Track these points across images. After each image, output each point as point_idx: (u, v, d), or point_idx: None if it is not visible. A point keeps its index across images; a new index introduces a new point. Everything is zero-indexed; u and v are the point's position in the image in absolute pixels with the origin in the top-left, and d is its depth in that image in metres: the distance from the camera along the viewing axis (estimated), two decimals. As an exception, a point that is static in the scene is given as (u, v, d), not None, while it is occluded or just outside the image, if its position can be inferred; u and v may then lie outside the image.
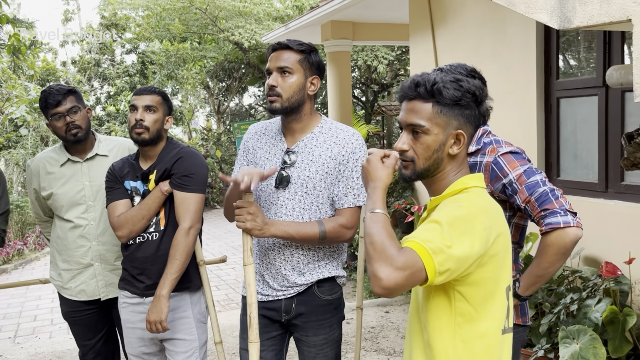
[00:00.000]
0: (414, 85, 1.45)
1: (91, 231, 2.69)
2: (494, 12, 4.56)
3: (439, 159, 1.45)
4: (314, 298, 2.14)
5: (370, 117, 16.75)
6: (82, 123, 2.67)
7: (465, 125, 1.44)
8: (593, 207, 3.80)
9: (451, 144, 1.44)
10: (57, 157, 2.75)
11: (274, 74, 2.07)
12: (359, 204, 2.08)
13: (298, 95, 2.07)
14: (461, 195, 1.42)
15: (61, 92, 2.63)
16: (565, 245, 1.80)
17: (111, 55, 17.28)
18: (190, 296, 2.49)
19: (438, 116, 1.42)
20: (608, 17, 1.82)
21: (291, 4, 14.82)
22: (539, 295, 3.60)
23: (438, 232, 1.30)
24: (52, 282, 2.83)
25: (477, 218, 1.35)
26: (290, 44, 2.08)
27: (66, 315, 2.82)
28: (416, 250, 1.28)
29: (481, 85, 1.46)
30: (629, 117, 3.71)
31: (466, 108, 1.43)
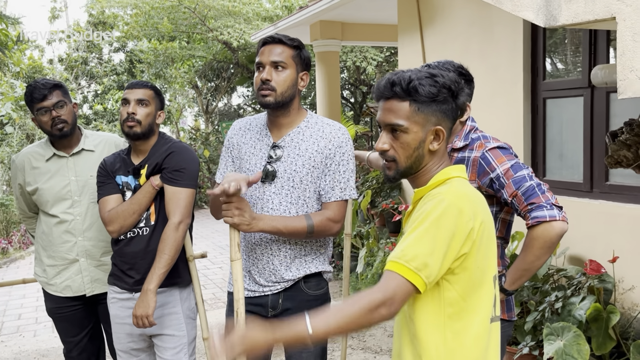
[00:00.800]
0: (389, 84, 1.45)
1: (77, 226, 2.67)
2: (482, 13, 4.59)
3: (420, 156, 1.46)
4: (300, 293, 2.14)
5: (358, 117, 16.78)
6: (68, 118, 2.64)
7: (443, 120, 1.45)
8: (578, 206, 3.83)
9: (431, 140, 1.45)
10: (42, 152, 2.72)
11: (267, 67, 2.07)
12: (346, 197, 2.09)
13: (291, 90, 2.08)
14: (443, 187, 1.43)
15: (47, 87, 2.60)
16: (551, 239, 1.83)
17: (99, 54, 17.17)
18: (180, 292, 2.48)
19: (416, 114, 1.43)
20: (593, 15, 1.84)
21: (280, 4, 14.82)
22: (525, 293, 3.63)
23: (420, 243, 1.32)
24: (37, 278, 2.81)
25: (460, 207, 1.36)
26: (283, 39, 2.09)
27: (51, 311, 2.79)
28: (401, 273, 1.31)
29: (456, 78, 1.47)
30: (613, 118, 3.75)
31: (443, 103, 1.44)
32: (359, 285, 5.63)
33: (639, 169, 2.31)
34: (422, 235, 1.33)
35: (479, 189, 1.97)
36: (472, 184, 1.98)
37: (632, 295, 3.51)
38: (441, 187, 1.44)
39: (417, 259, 1.31)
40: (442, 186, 1.45)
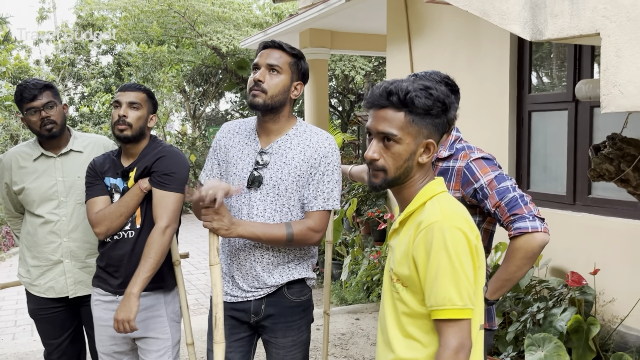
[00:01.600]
0: (386, 93, 1.45)
1: (62, 227, 2.64)
2: (469, 26, 4.65)
3: (409, 168, 1.47)
4: (283, 299, 2.14)
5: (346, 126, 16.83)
6: (57, 118, 2.62)
7: (434, 133, 1.47)
8: (561, 218, 3.88)
9: (421, 152, 1.46)
10: (30, 151, 2.70)
11: (262, 69, 2.07)
12: (329, 207, 2.09)
13: (282, 96, 2.08)
14: (434, 211, 1.43)
15: (37, 87, 2.59)
16: (532, 250, 1.85)
17: (86, 56, 17.06)
18: (164, 295, 2.47)
19: (410, 125, 1.44)
20: (578, 30, 1.87)
21: (270, 11, 14.86)
22: (507, 303, 3.66)
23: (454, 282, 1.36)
24: (20, 279, 2.77)
25: (461, 229, 1.39)
26: (283, 45, 2.10)
27: (33, 313, 2.76)
28: (455, 317, 1.36)
29: (448, 92, 1.48)
30: (597, 132, 3.81)
31: (436, 117, 1.45)
32: (342, 293, 5.63)
33: (620, 182, 2.35)
34: (452, 274, 1.36)
35: (462, 199, 2.00)
36: (456, 193, 2.00)
37: (612, 307, 3.55)
38: (431, 209, 1.44)
39: (462, 296, 1.36)
40: (431, 208, 1.44)
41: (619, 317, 3.46)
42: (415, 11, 5.38)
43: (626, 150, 2.29)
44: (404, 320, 1.48)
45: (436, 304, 1.37)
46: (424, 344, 1.45)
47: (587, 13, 1.84)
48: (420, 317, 1.45)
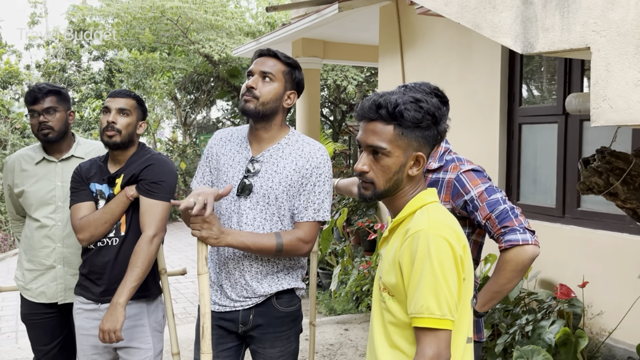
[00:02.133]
0: (375, 106, 1.45)
1: (57, 232, 2.63)
2: (461, 39, 4.68)
3: (398, 180, 1.47)
4: (272, 310, 2.12)
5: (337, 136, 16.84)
6: (55, 124, 2.63)
7: (424, 146, 1.46)
8: (550, 231, 3.89)
9: (411, 165, 1.46)
10: (33, 155, 2.72)
11: (255, 76, 2.08)
12: (319, 218, 2.08)
13: (274, 104, 2.07)
14: (422, 219, 1.42)
15: (42, 91, 2.61)
16: (523, 262, 1.85)
17: (77, 61, 16.99)
18: (147, 305, 2.44)
19: (399, 138, 1.44)
20: (568, 44, 1.88)
21: (263, 20, 14.89)
22: (496, 315, 3.66)
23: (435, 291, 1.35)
24: (16, 282, 2.76)
25: (447, 239, 1.38)
26: (278, 54, 2.11)
27: (24, 317, 2.74)
28: (434, 326, 1.35)
29: (439, 104, 1.48)
30: (586, 145, 3.84)
31: (426, 129, 1.45)
32: (332, 303, 5.61)
33: (609, 196, 2.36)
34: (433, 283, 1.35)
35: (452, 211, 1.99)
36: (446, 205, 2.00)
37: (600, 320, 3.56)
38: (419, 218, 1.44)
39: (441, 306, 1.34)
40: (420, 216, 1.44)
41: (607, 330, 3.47)
42: (407, 23, 5.41)
43: (615, 164, 2.30)
44: (391, 330, 1.47)
45: (415, 312, 1.36)
46: (409, 355, 1.43)
47: (577, 27, 1.85)
48: (406, 327, 1.44)
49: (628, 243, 3.44)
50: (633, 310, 3.23)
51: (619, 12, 1.71)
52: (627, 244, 3.44)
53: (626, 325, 3.31)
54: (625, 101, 1.71)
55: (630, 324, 3.30)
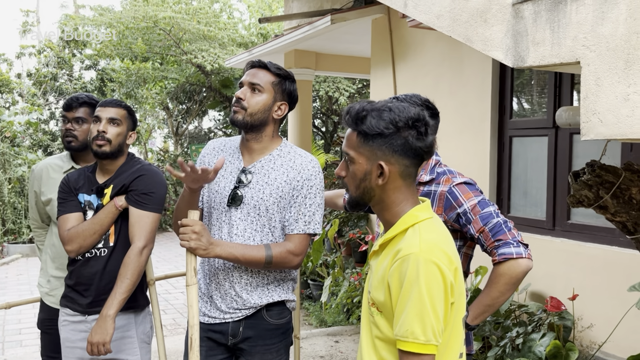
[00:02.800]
0: (345, 113, 1.47)
1: None
2: (452, 52, 4.71)
3: (367, 188, 1.45)
4: (262, 322, 2.10)
5: (329, 147, 16.87)
6: (80, 135, 2.67)
7: (392, 156, 1.42)
8: (540, 243, 3.90)
9: (377, 174, 1.43)
10: (61, 164, 2.74)
11: (244, 87, 2.09)
12: (309, 231, 2.07)
13: (262, 115, 2.07)
14: (414, 242, 1.39)
15: (78, 101, 2.68)
16: (517, 276, 1.85)
17: (69, 70, 16.93)
18: (135, 316, 2.42)
19: (362, 146, 1.43)
20: (558, 58, 1.90)
21: (256, 31, 14.94)
22: (487, 328, 3.65)
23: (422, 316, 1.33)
24: (39, 289, 2.77)
25: (437, 264, 1.35)
26: (268, 65, 2.11)
27: (42, 323, 2.73)
28: (418, 351, 1.33)
29: (418, 116, 1.43)
30: (576, 158, 3.86)
31: (391, 138, 1.41)
32: (322, 315, 5.58)
33: (599, 209, 2.37)
34: (420, 309, 1.33)
35: (445, 224, 1.99)
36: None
37: (590, 333, 3.56)
38: (411, 239, 1.40)
39: (425, 331, 1.33)
40: (411, 237, 1.40)
41: (597, 343, 3.47)
42: (399, 35, 5.44)
43: (605, 177, 2.31)
44: (378, 345, 1.46)
45: (400, 335, 1.35)
46: None
47: (567, 42, 1.87)
48: (393, 343, 1.42)
49: (618, 256, 3.45)
50: (623, 323, 3.24)
51: (609, 27, 1.73)
52: (617, 257, 3.46)
53: (616, 338, 3.32)
54: (615, 115, 1.72)
55: (620, 337, 3.31)
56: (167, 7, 13.64)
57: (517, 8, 2.09)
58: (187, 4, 14.75)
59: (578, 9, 1.84)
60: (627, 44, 1.68)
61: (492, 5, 2.19)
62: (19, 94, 15.59)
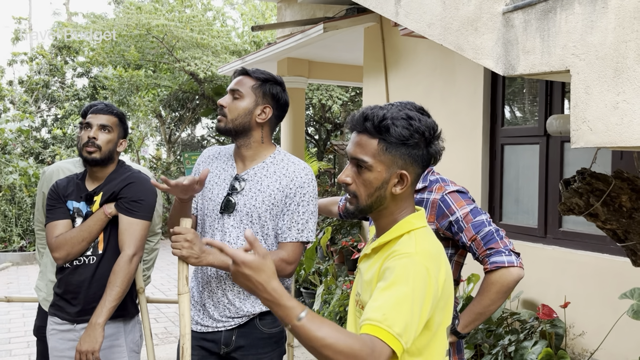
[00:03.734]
0: (362, 118, 1.41)
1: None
2: (444, 60, 4.73)
3: (381, 197, 1.42)
4: (254, 331, 2.09)
5: (322, 154, 16.89)
6: None
7: (411, 165, 1.41)
8: (532, 251, 3.91)
9: (395, 183, 1.40)
10: (73, 168, 2.72)
11: (227, 95, 2.11)
12: (303, 239, 2.06)
13: (243, 119, 2.07)
14: (410, 245, 1.37)
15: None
16: (508, 284, 1.85)
17: (61, 78, 16.89)
18: (125, 324, 2.40)
19: (383, 154, 1.39)
20: (548, 66, 1.91)
21: (249, 39, 14.97)
22: (479, 336, 3.65)
23: (400, 308, 1.25)
24: (37, 293, 2.74)
25: (428, 270, 1.32)
26: (248, 71, 2.11)
27: (39, 330, 2.71)
28: (383, 338, 1.23)
29: (434, 125, 1.43)
30: (567, 166, 3.88)
31: (413, 148, 1.39)
32: (315, 323, 5.56)
33: (590, 216, 2.38)
34: (401, 300, 1.26)
35: (436, 231, 2.00)
36: (431, 225, 2.00)
37: (582, 340, 3.57)
38: (407, 243, 1.38)
39: (398, 324, 1.24)
40: (407, 241, 1.39)
41: (589, 351, 3.48)
42: (391, 44, 5.47)
43: (595, 185, 2.32)
44: None
45: (374, 318, 1.24)
46: None
47: (557, 50, 1.88)
48: None
49: (609, 263, 3.46)
50: (614, 330, 3.24)
51: (598, 36, 1.74)
52: (608, 264, 3.47)
53: (607, 346, 3.32)
54: (604, 123, 1.73)
55: (612, 345, 3.31)
56: (160, 14, 13.66)
57: (508, 17, 2.10)
58: (180, 11, 14.79)
59: (567, 18, 1.85)
60: (616, 53, 1.69)
61: (483, 14, 2.20)
62: (11, 102, 15.53)
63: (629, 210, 2.30)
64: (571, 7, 1.83)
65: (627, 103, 1.67)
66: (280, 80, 2.15)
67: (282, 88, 2.15)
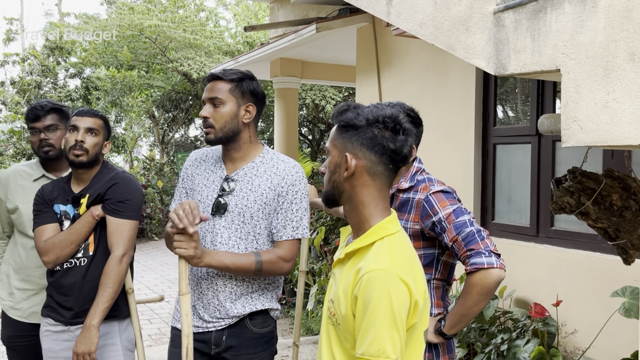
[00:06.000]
0: None
1: None
2: (437, 60, 4.75)
3: (337, 182, 1.45)
4: (245, 331, 2.09)
5: (316, 155, 16.89)
6: (56, 142, 2.61)
7: (359, 149, 1.41)
8: (524, 250, 3.93)
9: (345, 167, 1.42)
10: (31, 171, 2.67)
11: (206, 105, 2.08)
12: (298, 236, 2.07)
13: (231, 125, 2.06)
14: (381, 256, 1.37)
15: (44, 109, 2.60)
16: (488, 286, 1.85)
17: (54, 79, 16.82)
18: (119, 324, 2.40)
19: (337, 138, 1.46)
20: (539, 66, 1.92)
21: (242, 39, 14.96)
22: (472, 335, 3.66)
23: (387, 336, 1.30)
24: (0, 302, 2.67)
25: (405, 282, 1.33)
26: (220, 75, 2.08)
27: (8, 340, 2.64)
28: None
29: (393, 115, 1.42)
30: (559, 165, 3.90)
31: (362, 131, 1.41)
32: (309, 323, 5.56)
33: (581, 215, 2.39)
34: (390, 326, 1.30)
35: (421, 232, 2.00)
36: (415, 225, 2.00)
37: (574, 339, 3.58)
38: (381, 253, 1.38)
39: (395, 349, 1.30)
40: (380, 253, 1.38)
41: (581, 349, 3.49)
42: (384, 44, 5.47)
43: (586, 184, 2.34)
44: (336, 352, 1.44)
45: (370, 354, 1.31)
46: None
47: (548, 50, 1.89)
48: (350, 354, 1.41)
49: (600, 262, 3.48)
50: (606, 328, 3.26)
51: (588, 35, 1.75)
52: (600, 262, 3.49)
53: (599, 344, 3.34)
54: (594, 122, 1.74)
55: (603, 343, 3.33)
56: (153, 15, 13.62)
57: (499, 16, 2.11)
58: (173, 12, 14.75)
59: (558, 18, 1.86)
60: (605, 52, 1.70)
61: (474, 14, 2.21)
62: (2, 102, 15.45)
63: (619, 209, 2.32)
64: (561, 7, 1.84)
65: (617, 102, 1.67)
66: (251, 75, 2.14)
67: (256, 82, 2.14)
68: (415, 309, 1.35)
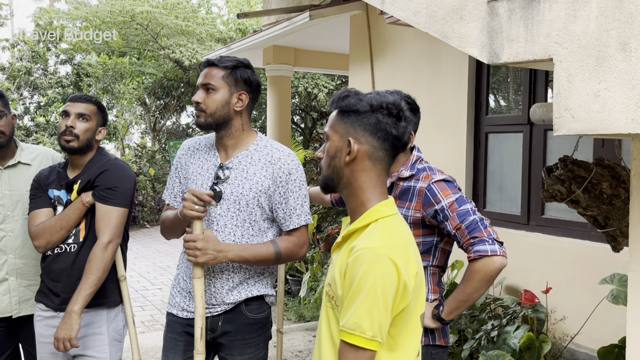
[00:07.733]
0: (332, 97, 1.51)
1: (8, 243, 2.53)
2: (430, 48, 4.75)
3: (337, 168, 1.46)
4: (241, 316, 2.11)
5: (308, 143, 16.88)
6: (5, 129, 2.51)
7: (362, 134, 1.43)
8: (515, 238, 3.97)
9: (347, 152, 1.44)
10: None
11: (199, 90, 2.09)
12: (303, 222, 2.10)
13: (222, 111, 2.07)
14: (375, 237, 1.39)
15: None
16: (490, 273, 1.89)
17: (44, 65, 16.65)
18: (107, 312, 2.40)
19: (337, 123, 1.47)
20: (532, 55, 1.93)
21: (234, 26, 14.86)
22: (462, 321, 3.70)
23: (370, 312, 1.32)
24: None
25: (395, 263, 1.35)
26: (216, 61, 2.09)
27: None
28: (361, 345, 1.33)
29: (397, 104, 1.45)
30: (550, 154, 3.93)
31: (366, 118, 1.43)
32: (301, 310, 5.60)
33: (571, 203, 2.42)
34: (371, 303, 1.32)
35: (422, 219, 2.02)
36: (417, 213, 2.03)
37: (563, 325, 3.64)
38: (373, 233, 1.40)
39: (373, 327, 1.32)
40: (374, 232, 1.40)
41: (570, 335, 3.55)
42: (377, 32, 5.47)
43: (577, 172, 2.37)
44: (335, 335, 1.45)
45: (347, 327, 1.34)
46: None
47: (540, 39, 1.91)
48: None
49: (589, 250, 3.53)
50: (594, 315, 3.31)
51: (580, 24, 1.77)
52: (589, 250, 3.53)
53: (588, 330, 3.39)
54: (586, 111, 1.76)
55: (592, 329, 3.39)
56: (145, 1, 13.49)
57: (492, 5, 2.12)
58: (164, -2, 14.60)
59: (551, 7, 1.87)
60: (597, 42, 1.72)
61: (468, 2, 2.22)
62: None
63: (609, 197, 2.35)
64: (554, -4, 1.85)
65: (608, 91, 1.69)
66: (247, 63, 2.14)
67: (251, 70, 2.14)
68: (404, 292, 1.36)
